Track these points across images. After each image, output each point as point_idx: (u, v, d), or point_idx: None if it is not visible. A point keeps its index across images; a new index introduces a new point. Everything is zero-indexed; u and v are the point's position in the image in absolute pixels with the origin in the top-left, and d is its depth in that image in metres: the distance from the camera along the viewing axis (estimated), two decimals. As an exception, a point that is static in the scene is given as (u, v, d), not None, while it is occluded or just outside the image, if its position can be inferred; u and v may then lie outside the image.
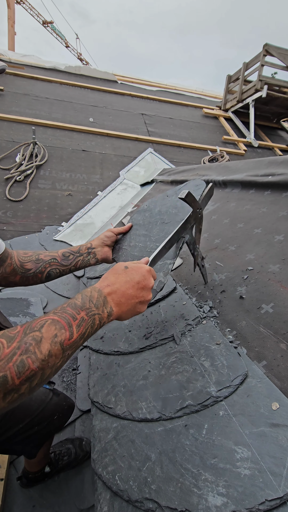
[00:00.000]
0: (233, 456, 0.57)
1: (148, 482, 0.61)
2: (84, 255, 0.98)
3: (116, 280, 0.63)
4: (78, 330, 0.53)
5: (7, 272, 0.85)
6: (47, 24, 26.73)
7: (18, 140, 4.00)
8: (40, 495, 1.19)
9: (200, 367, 0.81)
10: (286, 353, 0.74)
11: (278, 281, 0.97)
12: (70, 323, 0.52)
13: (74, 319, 0.53)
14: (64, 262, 0.94)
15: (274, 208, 1.41)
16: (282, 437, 0.56)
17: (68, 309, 0.54)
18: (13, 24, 13.11)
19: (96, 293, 0.59)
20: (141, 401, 0.80)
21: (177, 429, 0.69)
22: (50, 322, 0.50)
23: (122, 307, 0.62)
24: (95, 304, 0.57)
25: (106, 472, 0.68)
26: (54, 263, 0.92)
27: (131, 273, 0.65)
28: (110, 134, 4.76)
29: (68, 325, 0.51)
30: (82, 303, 0.56)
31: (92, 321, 0.56)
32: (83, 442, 1.28)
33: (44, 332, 0.48)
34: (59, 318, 0.52)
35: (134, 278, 0.64)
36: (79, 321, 0.53)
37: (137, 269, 0.66)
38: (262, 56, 5.58)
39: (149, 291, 0.67)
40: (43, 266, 0.90)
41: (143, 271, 0.67)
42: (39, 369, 0.46)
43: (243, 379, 0.72)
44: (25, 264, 0.88)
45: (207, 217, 1.79)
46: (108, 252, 1.03)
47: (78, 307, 0.55)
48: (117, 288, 0.62)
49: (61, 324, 0.51)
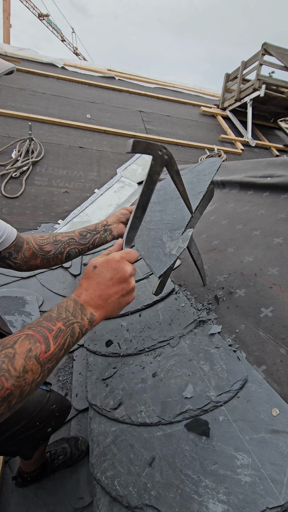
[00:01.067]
0: (234, 463, 0.57)
1: (148, 488, 0.61)
2: (101, 232, 0.99)
3: (88, 284, 0.61)
4: (55, 341, 0.51)
5: (27, 256, 0.87)
6: (43, 17, 26.33)
7: (14, 135, 3.94)
8: (35, 495, 1.19)
9: (200, 371, 0.81)
10: (285, 358, 0.74)
11: (278, 284, 0.97)
12: (45, 335, 0.50)
13: (50, 331, 0.51)
14: (82, 241, 0.95)
15: (273, 210, 1.41)
16: (282, 443, 0.56)
17: (43, 322, 0.53)
18: (9, 16, 12.85)
19: (72, 302, 0.58)
20: (140, 405, 0.80)
21: (176, 434, 0.69)
22: (23, 337, 0.48)
23: (105, 309, 0.60)
24: (72, 313, 0.56)
25: (105, 477, 0.68)
26: (73, 243, 0.94)
27: (101, 272, 0.62)
28: (107, 131, 4.71)
29: (43, 338, 0.50)
30: (58, 314, 0.55)
31: (71, 331, 0.54)
32: (79, 441, 1.28)
33: (17, 348, 0.46)
34: (33, 332, 0.50)
35: (106, 275, 0.61)
36: (56, 333, 0.52)
37: (106, 265, 0.62)
38: (261, 55, 5.57)
39: (127, 280, 0.63)
40: (62, 247, 0.92)
41: (113, 264, 0.63)
42: (16, 387, 0.44)
43: (243, 384, 0.72)
44: (44, 246, 0.90)
45: (205, 217, 1.78)
46: (123, 229, 1.03)
47: (53, 319, 0.54)
48: (91, 292, 0.60)
49: (35, 337, 0.49)
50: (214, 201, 1.93)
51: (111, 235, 1.00)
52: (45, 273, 2.52)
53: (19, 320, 1.99)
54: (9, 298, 2.20)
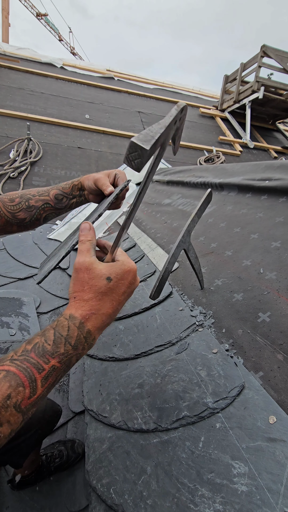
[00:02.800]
0: (230, 471, 0.57)
1: (144, 496, 0.60)
2: (77, 197, 0.89)
3: (101, 302, 0.49)
4: (44, 383, 0.41)
5: (1, 225, 0.79)
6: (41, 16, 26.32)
7: (12, 135, 3.92)
8: (31, 498, 1.18)
9: (197, 376, 0.81)
10: (283, 364, 0.74)
11: (275, 289, 0.97)
12: (32, 377, 0.40)
13: (39, 370, 0.40)
14: (58, 206, 0.87)
15: (271, 213, 1.41)
16: (279, 452, 0.56)
17: (32, 355, 0.41)
18: (7, 15, 12.82)
19: (77, 330, 0.46)
20: (137, 411, 0.79)
21: (173, 441, 0.68)
22: (2, 376, 0.38)
23: (105, 325, 0.51)
24: (73, 345, 0.45)
25: (101, 484, 0.67)
26: (48, 208, 0.86)
27: (118, 288, 0.51)
28: (106, 131, 4.71)
29: (29, 380, 0.39)
30: (55, 346, 0.43)
31: (67, 365, 0.44)
32: (75, 444, 1.27)
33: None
34: (17, 370, 0.39)
35: (121, 290, 0.52)
36: (47, 373, 0.41)
37: (123, 278, 0.52)
38: (260, 57, 5.59)
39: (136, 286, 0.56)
40: (38, 213, 0.84)
41: (130, 277, 0.53)
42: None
43: (240, 390, 0.72)
44: (17, 214, 0.81)
45: (203, 220, 1.78)
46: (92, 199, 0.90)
47: (47, 353, 0.42)
48: (103, 313, 0.49)
49: (18, 379, 0.38)
50: (213, 203, 1.93)
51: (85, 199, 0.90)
52: (43, 274, 2.50)
53: (15, 322, 1.98)
54: (5, 299, 2.19)
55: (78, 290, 0.49)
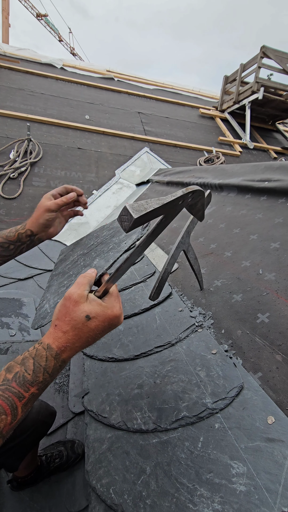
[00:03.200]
0: (229, 471, 0.57)
1: (143, 496, 0.61)
2: (28, 242, 0.89)
3: (76, 337, 0.52)
4: (24, 409, 0.45)
5: None
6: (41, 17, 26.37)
7: (12, 136, 3.93)
8: (31, 498, 1.18)
9: (196, 377, 0.81)
10: (281, 365, 0.74)
11: (274, 290, 0.97)
12: (14, 405, 0.43)
13: (20, 398, 0.44)
14: (5, 253, 0.86)
15: (270, 214, 1.42)
16: (277, 452, 0.56)
17: (14, 385, 0.45)
18: (8, 16, 12.84)
19: (53, 360, 0.50)
20: (136, 411, 0.80)
21: (172, 441, 0.69)
22: None
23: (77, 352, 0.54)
24: (51, 374, 0.49)
25: (101, 484, 0.67)
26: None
27: (95, 327, 0.54)
28: (106, 132, 4.72)
29: (11, 408, 0.43)
30: (34, 376, 0.47)
31: (43, 390, 0.49)
32: (75, 444, 1.27)
33: None
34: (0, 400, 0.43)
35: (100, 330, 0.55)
36: (27, 400, 0.45)
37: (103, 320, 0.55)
38: (259, 58, 5.60)
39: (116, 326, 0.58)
40: None
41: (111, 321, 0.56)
42: None
43: (239, 391, 0.72)
44: None
45: (203, 220, 1.79)
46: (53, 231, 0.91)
47: (27, 383, 0.46)
48: (78, 346, 0.53)
49: (1, 409, 0.42)
50: (212, 204, 1.93)
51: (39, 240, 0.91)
52: (43, 275, 2.51)
53: (15, 322, 1.99)
54: (5, 300, 2.19)
55: (60, 318, 0.53)
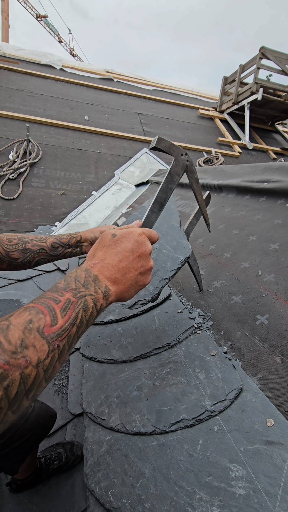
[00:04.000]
0: (228, 474, 0.57)
1: (142, 499, 0.60)
2: (73, 247, 0.96)
3: (105, 254, 0.53)
4: (64, 314, 0.41)
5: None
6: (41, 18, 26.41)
7: (11, 137, 3.93)
8: (30, 500, 1.18)
9: (195, 379, 0.81)
10: (281, 367, 0.74)
11: (273, 291, 0.97)
12: (50, 306, 0.41)
13: (56, 302, 0.42)
14: (52, 253, 0.92)
15: (269, 215, 1.42)
16: (277, 455, 0.56)
17: (48, 293, 0.44)
18: (7, 17, 12.84)
19: (84, 272, 0.49)
20: (135, 414, 0.79)
21: (171, 444, 0.68)
22: (23, 310, 0.40)
23: (121, 284, 0.52)
24: (83, 284, 0.47)
25: (99, 488, 0.67)
26: (43, 253, 0.90)
27: (121, 242, 0.55)
28: (105, 133, 4.72)
29: (48, 309, 0.40)
30: (66, 284, 0.46)
31: (83, 304, 0.45)
32: (74, 446, 1.27)
33: (13, 319, 0.37)
34: (35, 304, 0.41)
35: (126, 246, 0.54)
36: (64, 304, 0.42)
37: (127, 235, 0.56)
38: (259, 59, 5.60)
39: (148, 257, 0.57)
40: (31, 256, 0.88)
41: (135, 236, 0.56)
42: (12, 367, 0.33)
43: (238, 393, 0.72)
44: (11, 253, 0.85)
45: (202, 221, 1.78)
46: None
47: (60, 289, 0.44)
48: (109, 262, 0.52)
49: (37, 308, 0.40)
50: (211, 205, 1.93)
51: (81, 252, 0.99)
52: (42, 276, 2.50)
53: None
54: (5, 301, 2.18)
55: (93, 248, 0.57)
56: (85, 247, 0.99)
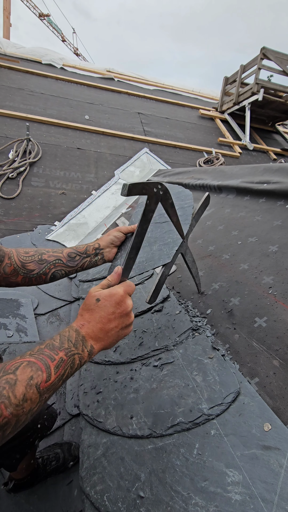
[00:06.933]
0: (224, 480, 0.56)
1: (138, 504, 0.60)
2: (91, 256, 0.93)
3: (90, 317, 0.62)
4: (56, 371, 0.51)
5: (7, 272, 0.81)
6: (44, 17, 26.38)
7: (11, 136, 3.92)
8: (27, 501, 1.17)
9: (192, 382, 0.80)
10: (278, 371, 0.73)
11: (272, 294, 0.96)
12: (47, 364, 0.50)
13: (52, 360, 0.51)
14: (70, 264, 0.90)
15: (269, 217, 1.41)
16: (273, 460, 0.56)
17: (46, 350, 0.53)
18: (9, 16, 12.82)
19: (74, 333, 0.58)
20: (132, 416, 0.79)
21: (167, 448, 0.68)
22: (26, 364, 0.48)
23: (103, 341, 0.62)
24: (74, 343, 0.56)
25: (95, 491, 0.66)
26: (59, 264, 0.88)
27: (104, 306, 0.63)
28: (105, 132, 4.70)
29: (45, 367, 0.50)
30: (61, 343, 0.55)
31: (71, 361, 0.54)
32: (72, 446, 1.26)
33: (19, 375, 0.46)
34: (35, 360, 0.50)
35: (108, 310, 0.63)
36: (57, 362, 0.52)
37: (109, 299, 0.64)
38: (259, 59, 5.59)
39: (129, 314, 0.66)
40: (47, 267, 0.86)
41: (117, 299, 0.64)
42: (13, 416, 0.43)
43: (235, 396, 0.71)
44: (27, 264, 0.84)
45: (201, 222, 1.78)
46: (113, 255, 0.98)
47: (56, 348, 0.54)
48: (93, 325, 0.61)
49: (37, 365, 0.49)
50: (211, 206, 1.93)
51: (102, 259, 0.95)
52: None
53: (13, 323, 1.97)
54: (3, 301, 2.18)
55: (81, 308, 0.65)
56: (107, 253, 0.96)
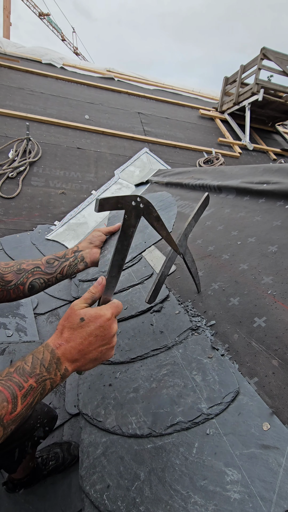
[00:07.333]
0: (223, 479, 0.57)
1: (137, 503, 0.60)
2: (71, 259, 0.89)
3: (70, 336, 0.57)
4: (24, 400, 0.48)
5: None
6: (44, 16, 26.37)
7: (11, 135, 3.92)
8: (26, 500, 1.18)
9: (192, 381, 0.80)
10: (277, 370, 0.74)
11: (272, 294, 0.97)
12: (14, 393, 0.46)
13: (20, 388, 0.48)
14: (48, 270, 0.85)
15: (268, 217, 1.41)
16: (272, 460, 0.56)
17: (15, 375, 0.49)
18: (9, 15, 12.81)
19: (49, 355, 0.54)
20: (131, 416, 0.79)
21: (167, 447, 0.68)
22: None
23: (79, 363, 0.58)
24: (47, 368, 0.53)
25: (94, 490, 0.67)
26: (38, 272, 0.83)
27: (88, 327, 0.58)
28: (105, 132, 4.70)
29: (12, 397, 0.46)
30: (32, 368, 0.51)
31: (42, 387, 0.51)
32: (71, 446, 1.27)
33: None
34: (2, 388, 0.46)
35: (92, 332, 0.58)
36: (26, 390, 0.48)
37: (94, 321, 0.59)
38: (260, 59, 5.60)
39: (112, 338, 0.62)
40: (25, 277, 0.81)
41: (102, 322, 0.59)
42: None
43: (235, 396, 0.72)
44: (6, 276, 0.79)
45: (201, 222, 1.78)
46: (97, 254, 0.93)
47: (26, 374, 0.50)
48: (72, 347, 0.56)
49: (3, 395, 0.45)
50: (211, 206, 1.93)
51: (82, 262, 0.91)
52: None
53: (13, 323, 1.98)
54: (3, 300, 2.17)
55: (61, 323, 0.60)
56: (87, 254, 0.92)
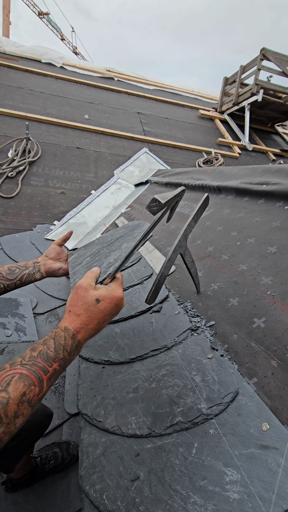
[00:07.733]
0: (223, 479, 0.57)
1: (137, 503, 0.60)
2: (30, 269, 0.99)
3: (89, 319, 0.60)
4: (49, 382, 0.50)
5: None
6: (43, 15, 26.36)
7: (10, 135, 3.91)
8: (25, 500, 1.18)
9: (191, 381, 0.81)
10: (277, 371, 0.74)
11: (271, 294, 0.97)
12: (41, 378, 0.49)
13: (45, 372, 0.50)
14: (9, 276, 0.93)
15: (268, 218, 1.42)
16: (271, 460, 0.56)
17: (39, 360, 0.51)
18: (8, 14, 12.79)
19: (71, 340, 0.57)
20: (131, 416, 0.79)
21: (166, 447, 0.68)
22: (17, 377, 0.47)
23: (90, 337, 0.62)
24: (69, 352, 0.55)
25: (94, 490, 0.67)
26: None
27: (104, 309, 0.62)
28: (105, 132, 4.71)
29: (38, 380, 0.48)
30: (56, 354, 0.53)
31: (63, 368, 0.54)
32: (70, 445, 1.27)
33: (11, 392, 0.44)
34: (28, 372, 0.48)
35: (108, 312, 0.63)
36: (51, 374, 0.51)
37: (110, 302, 0.63)
38: (259, 60, 5.61)
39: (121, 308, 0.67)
40: None
41: (117, 302, 0.64)
42: (5, 434, 0.43)
43: (234, 396, 0.72)
44: None
45: (201, 223, 1.79)
46: (51, 264, 1.04)
47: (50, 359, 0.52)
48: (91, 328, 0.60)
49: (30, 380, 0.47)
50: (210, 207, 1.93)
51: (39, 272, 1.00)
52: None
53: (12, 323, 1.97)
54: (2, 300, 2.18)
55: (73, 304, 0.61)
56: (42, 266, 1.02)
